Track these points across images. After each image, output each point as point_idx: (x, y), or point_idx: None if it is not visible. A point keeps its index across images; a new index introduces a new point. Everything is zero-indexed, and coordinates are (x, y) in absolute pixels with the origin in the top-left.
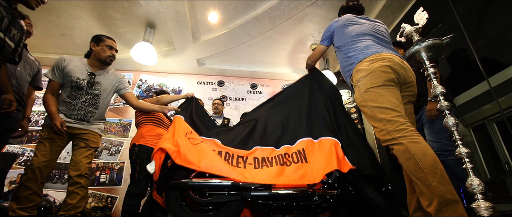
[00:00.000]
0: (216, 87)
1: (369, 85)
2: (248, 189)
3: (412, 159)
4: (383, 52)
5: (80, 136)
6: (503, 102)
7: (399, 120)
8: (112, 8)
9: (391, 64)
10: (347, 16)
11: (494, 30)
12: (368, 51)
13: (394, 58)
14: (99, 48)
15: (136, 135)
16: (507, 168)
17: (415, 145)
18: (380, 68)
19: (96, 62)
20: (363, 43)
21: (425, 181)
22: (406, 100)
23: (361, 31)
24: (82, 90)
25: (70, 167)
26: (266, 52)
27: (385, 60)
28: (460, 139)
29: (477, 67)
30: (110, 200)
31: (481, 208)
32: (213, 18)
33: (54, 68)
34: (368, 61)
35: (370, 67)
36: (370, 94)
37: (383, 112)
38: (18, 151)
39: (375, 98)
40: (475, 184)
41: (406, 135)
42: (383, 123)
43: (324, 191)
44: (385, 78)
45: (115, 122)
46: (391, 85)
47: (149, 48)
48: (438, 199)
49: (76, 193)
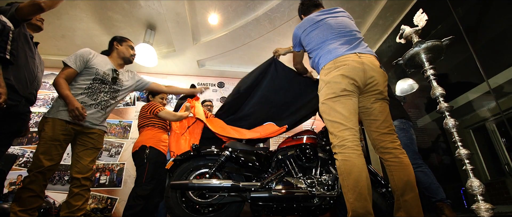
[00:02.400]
0: (216, 88)
1: (324, 97)
2: (248, 190)
3: (341, 175)
4: (342, 55)
5: (88, 134)
6: (503, 104)
7: (342, 134)
8: (112, 9)
9: (344, 72)
10: (307, 20)
11: (493, 32)
12: (328, 56)
13: (350, 63)
14: (123, 47)
15: (145, 137)
16: (507, 169)
17: (344, 163)
18: (333, 79)
19: (119, 61)
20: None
21: (346, 195)
22: (373, 100)
23: (322, 34)
24: (105, 84)
25: (75, 168)
26: (266, 53)
27: (339, 69)
28: (460, 140)
29: (476, 69)
30: (110, 202)
31: (482, 210)
32: (213, 20)
33: (77, 57)
34: (326, 69)
35: (326, 78)
36: (324, 106)
37: (332, 125)
38: (18, 152)
39: (327, 111)
40: (475, 185)
41: (342, 152)
42: (332, 136)
43: (323, 193)
44: (337, 89)
45: (115, 123)
46: (344, 95)
47: (149, 50)
48: (351, 213)
49: (81, 195)
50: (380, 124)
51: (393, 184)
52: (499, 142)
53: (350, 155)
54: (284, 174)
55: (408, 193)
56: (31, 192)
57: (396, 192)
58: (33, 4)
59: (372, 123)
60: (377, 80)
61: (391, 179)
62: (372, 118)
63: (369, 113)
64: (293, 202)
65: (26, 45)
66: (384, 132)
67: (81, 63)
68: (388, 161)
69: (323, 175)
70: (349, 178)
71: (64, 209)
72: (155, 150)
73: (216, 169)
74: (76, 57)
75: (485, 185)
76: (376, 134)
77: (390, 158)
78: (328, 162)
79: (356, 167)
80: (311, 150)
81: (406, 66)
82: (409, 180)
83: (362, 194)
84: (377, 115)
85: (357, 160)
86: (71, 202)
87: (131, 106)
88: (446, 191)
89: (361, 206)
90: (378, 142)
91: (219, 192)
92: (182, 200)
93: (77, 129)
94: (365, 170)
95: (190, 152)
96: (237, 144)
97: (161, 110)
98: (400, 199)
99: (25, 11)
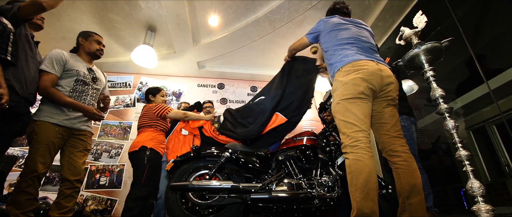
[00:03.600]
0: (216, 90)
1: (340, 97)
2: (248, 191)
3: (350, 174)
4: (362, 60)
5: (78, 136)
6: (503, 105)
7: (356, 135)
8: (113, 11)
9: (363, 75)
10: (335, 20)
11: (492, 33)
12: (346, 59)
13: (369, 68)
14: (88, 42)
15: (146, 137)
16: (507, 170)
17: (356, 162)
18: (352, 81)
19: (87, 57)
20: (344, 52)
21: (353, 194)
22: (385, 104)
23: (345, 37)
24: (88, 85)
25: (67, 169)
26: (266, 55)
27: (359, 72)
28: (460, 141)
29: (476, 70)
30: (110, 203)
31: (482, 211)
32: (213, 21)
33: (53, 62)
34: (344, 71)
35: (344, 79)
36: (339, 106)
37: (346, 125)
38: (18, 153)
39: (342, 111)
40: (475, 186)
41: (354, 152)
42: (344, 136)
43: (324, 194)
44: (355, 91)
45: (115, 124)
46: (361, 98)
47: (149, 51)
48: (357, 212)
49: (73, 196)
50: (390, 127)
51: (400, 187)
52: (499, 143)
53: (363, 155)
54: (284, 175)
55: (413, 197)
56: (28, 195)
57: (402, 194)
58: (34, 3)
59: (383, 125)
60: (391, 88)
61: (398, 182)
62: (383, 121)
63: (380, 116)
64: (294, 203)
65: (27, 45)
66: (394, 135)
67: (59, 67)
68: (396, 164)
69: (323, 176)
70: (359, 177)
71: (55, 210)
72: (156, 152)
73: (216, 170)
74: (53, 61)
75: (485, 186)
76: (386, 137)
77: (398, 161)
78: (328, 164)
79: (367, 167)
80: (311, 151)
81: (406, 68)
82: (416, 184)
83: (369, 194)
84: (387, 118)
85: (369, 160)
86: (62, 203)
87: (131, 107)
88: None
89: (367, 206)
90: (388, 144)
91: (219, 193)
92: (182, 201)
93: (68, 132)
94: (375, 172)
95: (190, 153)
96: (237, 145)
97: (169, 111)
98: (406, 202)
99: (26, 10)
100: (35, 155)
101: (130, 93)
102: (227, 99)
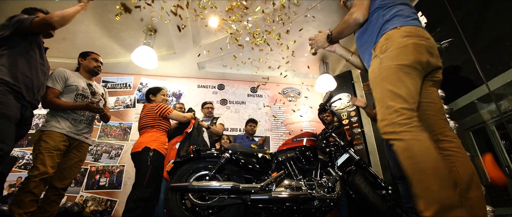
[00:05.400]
0: (216, 90)
1: (394, 61)
2: (248, 192)
3: (411, 158)
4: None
5: (78, 148)
6: (503, 106)
7: (407, 112)
8: (113, 12)
9: (428, 46)
10: None
11: (492, 34)
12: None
13: (432, 40)
14: (86, 61)
15: (149, 138)
16: (507, 171)
17: (416, 143)
18: (415, 46)
19: (86, 74)
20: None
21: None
22: (431, 84)
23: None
24: (87, 98)
25: (57, 177)
26: (267, 56)
27: (423, 39)
28: None
29: (476, 71)
30: (110, 204)
31: None
32: (213, 22)
33: (55, 78)
34: (405, 32)
35: (404, 40)
36: (389, 72)
37: (394, 98)
38: (18, 154)
39: (393, 80)
40: None
41: (409, 130)
42: (389, 112)
43: (324, 195)
44: (415, 59)
45: (115, 125)
46: (417, 70)
47: (149, 52)
48: (436, 205)
49: (56, 202)
50: (439, 109)
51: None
52: (499, 144)
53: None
54: (284, 176)
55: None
56: (33, 196)
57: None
58: (45, 23)
59: (431, 105)
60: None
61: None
62: (431, 101)
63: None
64: (293, 204)
65: (38, 52)
66: (443, 118)
67: (61, 83)
68: (449, 150)
69: (323, 177)
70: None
71: (37, 214)
72: (159, 153)
73: (216, 171)
74: (55, 78)
75: (486, 187)
76: (435, 118)
77: (452, 147)
78: (328, 164)
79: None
80: (311, 152)
81: None
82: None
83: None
84: (435, 99)
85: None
86: (47, 208)
87: (131, 108)
88: None
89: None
90: (438, 127)
91: (219, 194)
92: (182, 202)
93: (71, 141)
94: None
95: (190, 154)
96: (237, 146)
97: (171, 111)
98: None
99: (37, 28)
100: (44, 159)
101: (130, 94)
102: (227, 100)
